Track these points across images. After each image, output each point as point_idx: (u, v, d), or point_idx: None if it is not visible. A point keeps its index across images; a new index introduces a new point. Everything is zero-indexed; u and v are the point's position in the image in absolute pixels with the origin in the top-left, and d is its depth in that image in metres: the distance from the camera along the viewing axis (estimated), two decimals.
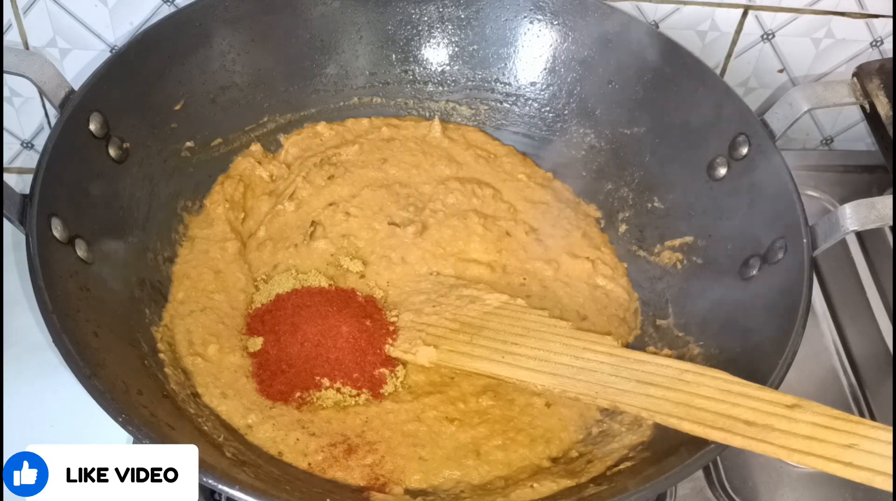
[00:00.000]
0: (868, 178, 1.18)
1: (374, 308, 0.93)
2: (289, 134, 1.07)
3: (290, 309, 0.90)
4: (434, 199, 1.03)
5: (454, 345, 0.88)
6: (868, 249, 1.12)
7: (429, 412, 0.85)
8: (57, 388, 0.91)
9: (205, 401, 0.84)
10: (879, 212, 0.81)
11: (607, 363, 0.81)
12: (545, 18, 1.05)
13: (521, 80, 1.09)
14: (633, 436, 0.83)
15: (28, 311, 0.94)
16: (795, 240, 0.84)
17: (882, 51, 1.13)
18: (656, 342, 0.95)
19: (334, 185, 1.03)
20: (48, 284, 0.73)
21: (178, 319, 0.89)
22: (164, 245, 0.94)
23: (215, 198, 1.00)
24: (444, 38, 1.09)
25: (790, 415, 0.68)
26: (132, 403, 0.73)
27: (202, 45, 0.98)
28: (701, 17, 1.09)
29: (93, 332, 0.76)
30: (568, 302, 0.97)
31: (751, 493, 0.91)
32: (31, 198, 0.77)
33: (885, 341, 1.04)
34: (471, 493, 0.80)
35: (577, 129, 1.08)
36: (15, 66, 0.83)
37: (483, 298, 0.92)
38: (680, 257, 0.98)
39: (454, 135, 1.10)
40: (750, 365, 0.78)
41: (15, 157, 1.16)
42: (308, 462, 0.81)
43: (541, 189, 1.06)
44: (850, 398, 1.01)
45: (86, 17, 1.02)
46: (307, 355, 0.87)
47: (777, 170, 0.88)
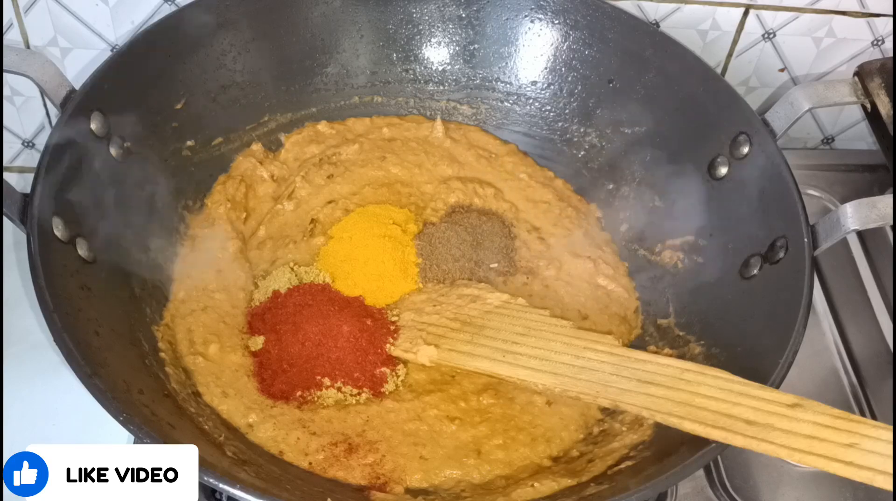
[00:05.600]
0: (869, 177, 1.18)
1: (374, 308, 0.93)
2: (289, 133, 1.07)
3: (291, 308, 0.90)
4: (435, 198, 1.03)
5: (455, 344, 0.88)
6: (869, 248, 1.12)
7: (430, 411, 0.85)
8: (58, 387, 0.91)
9: (206, 400, 0.84)
10: (880, 211, 0.81)
11: (608, 363, 0.81)
12: (546, 18, 1.05)
13: (521, 79, 1.09)
14: (633, 435, 0.83)
15: (29, 310, 0.94)
16: (796, 239, 0.83)
17: (883, 50, 1.13)
18: (657, 342, 0.95)
19: (334, 184, 1.03)
20: (49, 283, 0.73)
21: (179, 318, 0.90)
22: (165, 244, 0.94)
23: (217, 197, 0.99)
24: (445, 38, 1.09)
25: (791, 414, 0.68)
26: (133, 402, 0.73)
27: (203, 45, 0.98)
28: (702, 17, 1.09)
29: (94, 331, 0.76)
30: (569, 301, 0.97)
31: (752, 492, 0.91)
32: (32, 197, 0.77)
33: (886, 340, 1.04)
34: (472, 492, 0.80)
35: (578, 128, 1.08)
36: (16, 65, 0.83)
37: (484, 297, 0.92)
38: (681, 256, 0.98)
39: (456, 135, 1.10)
40: (751, 364, 0.78)
41: (16, 156, 1.15)
42: (309, 462, 0.81)
43: (542, 188, 1.06)
44: (850, 398, 1.00)
45: (87, 17, 1.02)
46: (308, 354, 0.87)
47: (778, 169, 0.88)
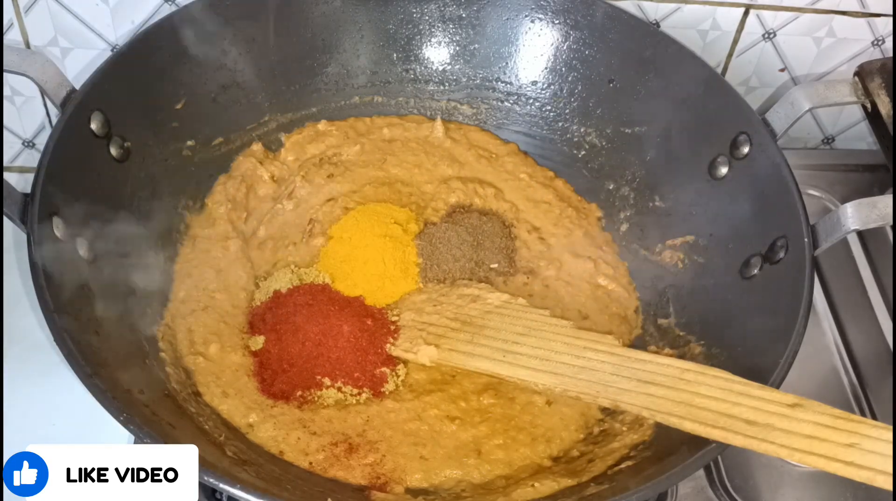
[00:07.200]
0: (869, 177, 1.18)
1: (375, 307, 0.93)
2: (290, 133, 1.07)
3: (291, 308, 0.90)
4: (436, 198, 1.03)
5: (455, 344, 0.88)
6: (869, 248, 1.12)
7: (430, 410, 0.85)
8: (58, 387, 0.91)
9: (206, 400, 0.84)
10: (880, 211, 0.81)
11: (608, 363, 0.81)
12: (546, 17, 1.05)
13: (522, 79, 1.09)
14: (634, 435, 0.83)
15: (29, 310, 0.94)
16: (797, 239, 0.83)
17: (883, 50, 1.13)
18: (657, 342, 0.95)
19: (333, 183, 1.03)
20: (49, 283, 0.73)
21: (180, 318, 0.90)
22: (166, 244, 0.94)
23: (217, 198, 0.99)
24: (446, 37, 1.09)
25: (791, 414, 0.68)
26: (133, 402, 0.73)
27: (203, 44, 0.98)
28: (702, 17, 1.09)
29: (94, 331, 0.77)
30: (569, 301, 0.97)
31: (752, 492, 0.91)
32: (33, 197, 0.77)
33: (887, 340, 1.04)
34: (472, 492, 0.80)
35: (579, 128, 1.08)
36: (16, 65, 0.83)
37: (484, 297, 0.92)
38: (681, 256, 0.98)
39: (456, 135, 1.10)
40: (751, 364, 0.78)
41: (16, 156, 1.15)
42: (309, 461, 0.81)
43: (542, 188, 1.06)
44: (851, 398, 1.00)
45: (87, 16, 1.02)
46: (308, 354, 0.87)
47: (778, 169, 0.88)
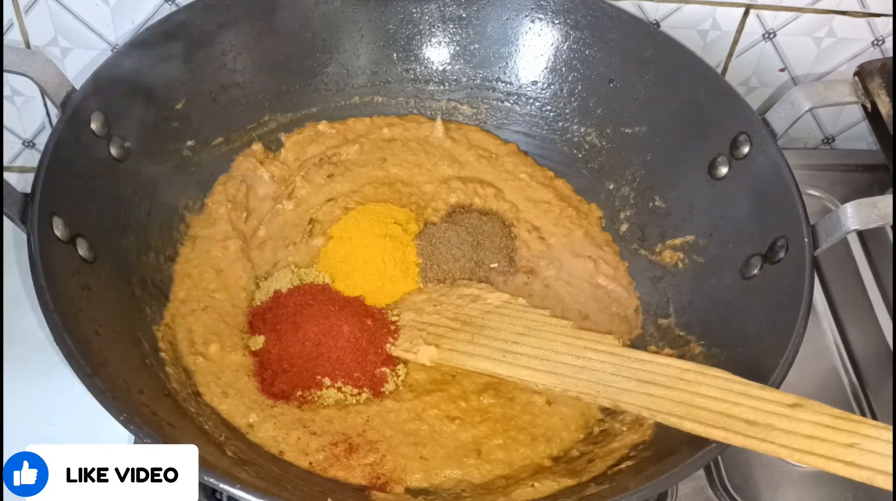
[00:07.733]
0: (869, 177, 1.18)
1: (375, 307, 0.93)
2: (290, 133, 1.07)
3: (291, 308, 0.90)
4: (436, 198, 1.03)
5: (455, 344, 0.88)
6: (869, 248, 1.12)
7: (430, 410, 0.85)
8: (58, 387, 0.91)
9: (206, 400, 0.84)
10: (881, 211, 0.81)
11: (608, 363, 0.81)
12: (546, 17, 1.05)
13: (522, 79, 1.09)
14: (634, 435, 0.83)
15: (29, 310, 0.94)
16: (797, 239, 0.83)
17: (883, 50, 1.13)
18: (657, 342, 0.95)
19: (333, 183, 1.03)
20: (49, 283, 0.73)
21: (180, 318, 0.90)
22: (166, 244, 0.94)
23: (217, 198, 0.99)
24: (446, 37, 1.09)
25: (791, 414, 0.68)
26: (133, 402, 0.73)
27: (203, 44, 0.98)
28: (702, 17, 1.09)
29: (94, 331, 0.76)
30: (569, 301, 0.97)
31: (752, 492, 0.91)
32: (33, 197, 0.77)
33: (887, 340, 1.04)
34: (472, 492, 0.80)
35: (579, 128, 1.08)
36: (16, 65, 0.83)
37: (484, 297, 0.92)
38: (681, 256, 0.98)
39: (456, 135, 1.10)
40: (751, 364, 0.78)
41: (16, 156, 1.15)
42: (309, 461, 0.81)
43: (542, 188, 1.06)
44: (851, 398, 1.00)
45: (87, 16, 1.02)
46: (308, 354, 0.87)
47: (778, 169, 0.88)
